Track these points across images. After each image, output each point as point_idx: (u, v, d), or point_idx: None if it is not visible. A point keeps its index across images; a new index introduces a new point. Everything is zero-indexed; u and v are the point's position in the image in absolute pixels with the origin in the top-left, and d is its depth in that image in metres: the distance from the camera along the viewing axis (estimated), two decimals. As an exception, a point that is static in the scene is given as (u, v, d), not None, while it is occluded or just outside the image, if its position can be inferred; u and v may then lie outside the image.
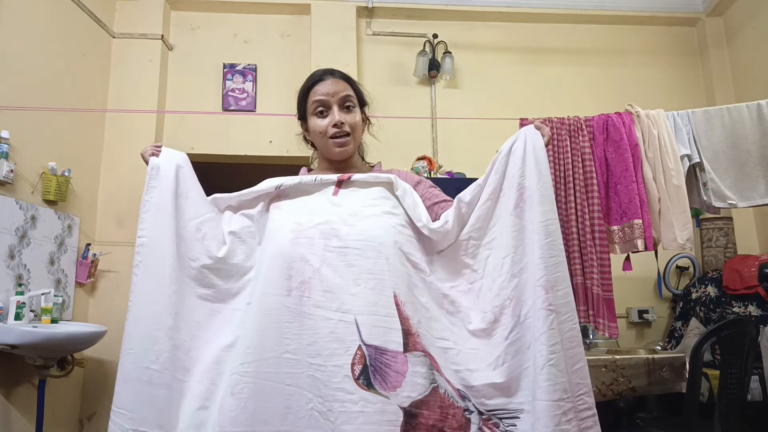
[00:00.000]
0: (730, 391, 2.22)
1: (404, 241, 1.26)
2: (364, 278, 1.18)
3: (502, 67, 3.84)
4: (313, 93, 1.38)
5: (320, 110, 1.36)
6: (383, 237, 1.23)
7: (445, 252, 1.34)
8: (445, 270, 1.33)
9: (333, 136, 1.35)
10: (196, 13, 3.77)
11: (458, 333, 1.25)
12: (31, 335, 2.31)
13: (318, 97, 1.35)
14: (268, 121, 3.58)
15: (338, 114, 1.34)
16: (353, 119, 1.37)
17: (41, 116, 2.77)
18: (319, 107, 1.36)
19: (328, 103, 1.35)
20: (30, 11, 2.77)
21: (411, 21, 3.85)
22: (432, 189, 1.43)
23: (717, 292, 3.20)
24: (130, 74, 3.49)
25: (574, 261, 2.66)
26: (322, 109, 1.36)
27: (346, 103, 1.36)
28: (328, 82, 1.37)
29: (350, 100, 1.37)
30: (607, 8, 3.87)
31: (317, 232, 1.23)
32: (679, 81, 3.90)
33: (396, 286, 1.19)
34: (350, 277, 1.18)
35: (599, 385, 2.42)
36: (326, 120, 1.35)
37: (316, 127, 1.37)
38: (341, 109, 1.35)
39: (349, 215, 1.25)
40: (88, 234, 3.16)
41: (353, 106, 1.38)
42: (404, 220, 1.29)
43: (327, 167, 1.43)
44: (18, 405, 2.55)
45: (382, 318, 1.16)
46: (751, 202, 2.75)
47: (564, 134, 2.81)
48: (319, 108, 1.36)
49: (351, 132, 1.36)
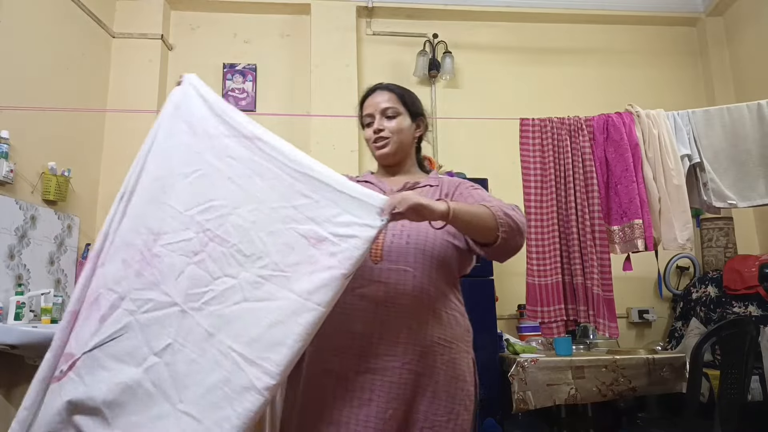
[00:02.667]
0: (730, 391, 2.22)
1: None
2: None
3: (502, 67, 3.84)
4: (364, 107, 1.54)
5: (368, 122, 1.52)
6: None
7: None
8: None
9: (374, 141, 1.50)
10: (196, 13, 3.77)
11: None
12: (31, 335, 2.30)
13: (366, 111, 1.53)
14: (268, 121, 3.57)
15: (378, 122, 1.49)
16: (394, 125, 1.49)
17: (41, 116, 2.76)
18: (367, 119, 1.53)
19: (373, 114, 1.51)
20: (30, 11, 2.77)
21: (411, 21, 3.85)
22: (473, 190, 1.46)
23: (717, 292, 3.19)
24: (129, 74, 3.49)
25: (574, 261, 2.66)
26: (369, 121, 1.52)
27: (387, 112, 1.50)
28: (375, 95, 1.53)
29: (392, 109, 1.50)
30: (607, 8, 3.87)
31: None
32: (679, 81, 3.90)
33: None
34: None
35: (599, 385, 2.42)
36: (371, 129, 1.51)
37: (365, 135, 1.54)
38: (382, 118, 1.49)
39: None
40: (88, 234, 3.16)
41: (396, 114, 1.50)
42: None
43: (383, 171, 1.57)
44: (18, 405, 2.52)
45: None
46: (751, 202, 2.75)
47: (564, 134, 2.81)
48: (368, 119, 1.52)
49: (390, 135, 1.48)
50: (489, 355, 2.67)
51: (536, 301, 2.65)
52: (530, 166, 2.78)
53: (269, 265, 1.15)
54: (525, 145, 2.81)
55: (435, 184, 1.48)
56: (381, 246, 1.30)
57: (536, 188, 2.75)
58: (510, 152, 2.94)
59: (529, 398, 2.36)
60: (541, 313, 2.63)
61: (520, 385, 2.36)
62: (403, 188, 1.44)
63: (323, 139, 3.47)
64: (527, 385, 2.37)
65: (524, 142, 2.82)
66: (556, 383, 2.40)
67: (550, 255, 2.66)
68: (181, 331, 1.18)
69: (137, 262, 1.27)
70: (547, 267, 2.65)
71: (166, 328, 1.19)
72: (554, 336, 2.63)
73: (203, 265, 1.21)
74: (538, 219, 2.71)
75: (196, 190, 1.29)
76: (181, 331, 1.18)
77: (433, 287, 1.31)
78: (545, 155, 2.79)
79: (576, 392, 2.40)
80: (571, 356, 2.52)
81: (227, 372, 1.09)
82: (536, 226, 2.71)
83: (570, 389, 2.40)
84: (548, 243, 2.68)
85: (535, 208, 2.73)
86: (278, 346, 1.07)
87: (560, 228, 2.71)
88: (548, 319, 2.63)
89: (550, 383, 2.39)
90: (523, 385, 2.36)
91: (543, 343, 2.89)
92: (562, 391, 2.39)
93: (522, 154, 2.81)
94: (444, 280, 1.34)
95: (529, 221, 2.72)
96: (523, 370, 2.39)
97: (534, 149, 2.80)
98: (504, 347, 2.82)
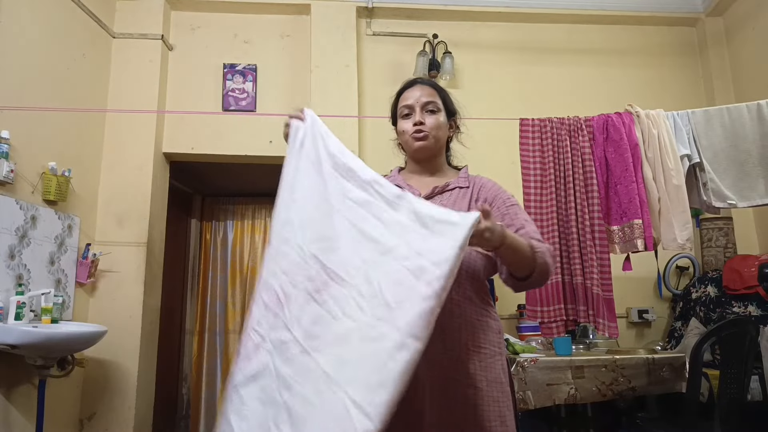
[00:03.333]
0: (730, 391, 2.22)
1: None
2: None
3: (502, 67, 3.84)
4: (402, 99, 1.53)
5: (406, 113, 1.51)
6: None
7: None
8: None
9: (413, 133, 1.48)
10: (196, 13, 3.77)
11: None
12: (31, 335, 2.31)
13: (405, 102, 1.51)
14: (268, 121, 3.58)
15: (419, 115, 1.48)
16: (434, 121, 1.49)
17: (41, 116, 2.77)
18: (405, 110, 1.51)
19: (413, 107, 1.49)
20: (30, 11, 2.78)
21: (411, 21, 3.86)
22: (511, 208, 1.44)
23: (717, 292, 3.20)
24: (130, 74, 3.49)
25: (574, 261, 2.66)
26: (407, 113, 1.50)
27: (428, 106, 1.50)
28: (416, 88, 1.52)
29: (433, 104, 1.50)
30: (607, 8, 3.88)
31: None
32: (679, 81, 3.90)
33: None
34: None
35: (599, 385, 2.42)
36: (409, 121, 1.49)
37: (401, 127, 1.52)
38: (423, 112, 1.49)
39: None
40: (88, 234, 3.17)
41: (437, 110, 1.51)
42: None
43: (413, 168, 1.56)
44: (18, 405, 2.55)
45: None
46: (751, 202, 2.75)
47: (564, 134, 2.81)
48: (405, 111, 1.51)
49: (430, 131, 1.48)
50: (489, 355, 2.67)
51: (536, 301, 2.65)
52: (530, 166, 2.79)
53: (382, 304, 1.14)
54: (525, 145, 2.82)
55: (465, 185, 1.49)
56: None
57: (536, 188, 2.75)
58: (510, 152, 2.94)
59: (528, 398, 2.36)
60: (541, 313, 2.64)
61: (520, 384, 2.36)
62: (432, 192, 1.45)
63: (323, 139, 3.47)
64: (527, 385, 2.37)
65: (524, 142, 2.82)
66: (556, 383, 2.40)
67: (550, 255, 2.66)
68: (301, 370, 1.18)
69: (274, 305, 1.29)
70: (547, 267, 2.65)
71: (290, 367, 1.20)
72: (554, 336, 2.63)
73: (326, 306, 1.21)
74: (537, 219, 2.71)
75: (319, 229, 1.30)
76: (301, 370, 1.18)
77: (464, 297, 1.33)
78: (545, 155, 2.79)
79: (576, 392, 2.40)
80: (570, 356, 2.52)
81: (337, 414, 1.08)
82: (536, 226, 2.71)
83: (570, 389, 2.40)
84: (548, 243, 2.68)
85: (534, 208, 2.73)
86: (380, 388, 1.05)
87: (560, 228, 2.71)
88: (548, 318, 2.63)
89: (550, 383, 2.40)
90: (522, 384, 2.37)
91: (543, 342, 2.89)
92: (561, 391, 2.39)
93: (522, 154, 2.81)
94: (473, 288, 1.35)
95: (529, 221, 2.72)
96: (522, 369, 2.39)
97: (534, 149, 2.80)
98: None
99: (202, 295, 4.81)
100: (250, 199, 4.99)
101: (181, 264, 4.68)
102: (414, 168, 1.55)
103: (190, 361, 4.71)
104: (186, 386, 4.69)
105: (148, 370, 3.30)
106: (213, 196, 5.05)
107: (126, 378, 3.12)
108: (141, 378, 3.17)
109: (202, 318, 4.77)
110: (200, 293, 4.82)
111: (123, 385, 3.11)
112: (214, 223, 4.99)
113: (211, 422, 4.53)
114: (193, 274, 4.86)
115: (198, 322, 4.77)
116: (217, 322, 4.75)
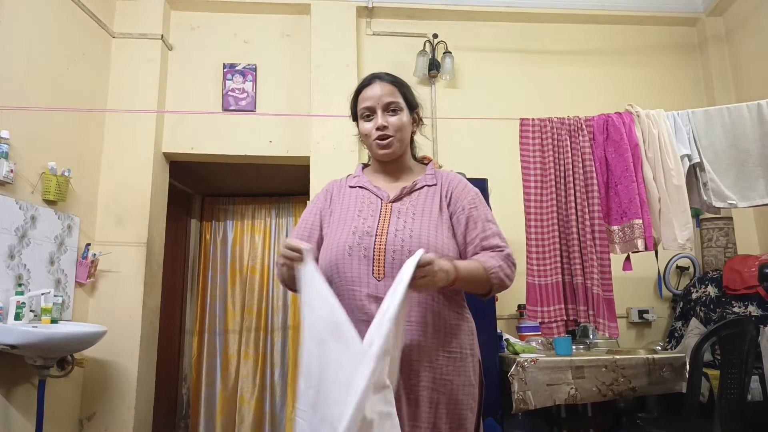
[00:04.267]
0: (730, 391, 2.22)
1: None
2: None
3: (502, 67, 3.84)
4: (361, 98, 1.47)
5: (366, 114, 1.44)
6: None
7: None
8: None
9: (377, 138, 1.42)
10: (196, 13, 3.77)
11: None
12: (31, 335, 2.31)
13: (365, 104, 1.44)
14: (268, 121, 3.58)
15: (381, 118, 1.41)
16: (397, 121, 1.43)
17: (41, 116, 2.77)
18: (365, 112, 1.44)
19: (373, 108, 1.43)
20: (30, 11, 2.77)
21: (411, 21, 3.86)
22: (474, 211, 1.43)
23: (717, 292, 3.20)
24: (129, 74, 3.49)
25: (574, 261, 2.66)
26: (368, 114, 1.44)
27: (390, 107, 1.43)
28: (375, 87, 1.44)
29: (395, 104, 1.43)
30: (607, 8, 3.88)
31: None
32: (679, 81, 3.90)
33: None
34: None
35: (599, 385, 2.42)
36: (371, 123, 1.43)
37: (363, 129, 1.46)
38: (385, 113, 1.42)
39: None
40: (88, 234, 3.16)
41: (399, 110, 1.44)
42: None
43: (378, 168, 1.51)
44: (18, 405, 2.55)
45: None
46: (751, 202, 2.75)
47: (564, 134, 2.81)
48: (366, 112, 1.44)
49: (394, 134, 1.42)
50: (489, 355, 2.67)
51: (536, 301, 2.65)
52: (530, 166, 2.78)
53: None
54: (525, 145, 2.81)
55: (432, 183, 1.46)
56: (383, 263, 1.30)
57: (536, 188, 2.75)
58: (510, 152, 2.94)
59: (529, 398, 2.36)
60: (541, 313, 2.64)
61: (520, 385, 2.36)
62: (401, 194, 1.42)
63: (323, 140, 3.47)
64: (527, 385, 2.37)
65: (524, 142, 2.82)
66: (556, 383, 2.40)
67: (550, 255, 2.66)
68: None
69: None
70: (547, 267, 2.65)
71: None
72: (554, 336, 2.63)
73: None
74: (538, 219, 2.71)
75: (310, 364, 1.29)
76: None
77: (435, 300, 1.32)
78: (545, 155, 2.79)
79: (576, 392, 2.40)
80: (571, 356, 2.52)
81: None
82: (536, 226, 2.71)
83: (570, 389, 2.40)
84: (548, 243, 2.68)
85: (535, 208, 2.73)
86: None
87: (560, 228, 2.71)
88: (548, 319, 2.63)
89: (550, 383, 2.39)
90: (523, 385, 2.36)
91: (543, 343, 2.89)
92: (561, 391, 2.39)
93: (522, 154, 2.81)
94: (447, 292, 1.34)
95: (529, 221, 2.72)
96: (523, 370, 2.39)
97: (534, 149, 2.80)
98: (504, 347, 2.82)
99: (201, 295, 4.81)
100: (250, 199, 4.98)
101: (180, 264, 4.68)
102: (379, 168, 1.51)
103: (190, 361, 4.71)
104: (186, 386, 4.69)
105: (147, 370, 3.30)
106: (213, 196, 5.04)
107: (126, 378, 3.12)
108: (141, 378, 3.16)
109: (202, 318, 4.76)
110: (200, 293, 4.81)
111: (123, 385, 3.11)
112: (214, 223, 4.98)
113: (210, 422, 4.53)
114: (192, 274, 4.85)
115: (198, 322, 4.76)
116: (217, 322, 4.74)
